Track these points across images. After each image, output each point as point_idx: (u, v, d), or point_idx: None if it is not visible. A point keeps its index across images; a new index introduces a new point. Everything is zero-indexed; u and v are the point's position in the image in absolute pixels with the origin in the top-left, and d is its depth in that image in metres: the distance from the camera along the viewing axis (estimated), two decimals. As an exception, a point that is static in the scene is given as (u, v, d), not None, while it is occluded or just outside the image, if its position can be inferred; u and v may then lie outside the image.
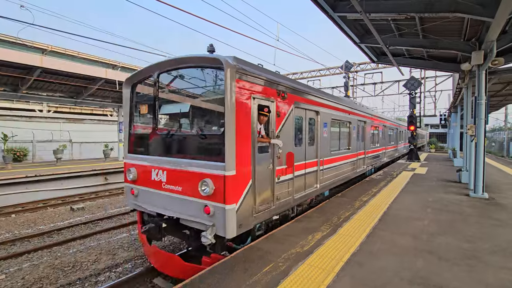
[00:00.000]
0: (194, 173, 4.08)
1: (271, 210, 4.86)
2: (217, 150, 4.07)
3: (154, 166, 4.60)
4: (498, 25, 5.59)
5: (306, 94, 6.04)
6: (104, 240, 7.16)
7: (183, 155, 4.42)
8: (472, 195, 7.90)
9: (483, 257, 3.98)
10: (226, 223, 3.85)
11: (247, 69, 4.22)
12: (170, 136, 4.73)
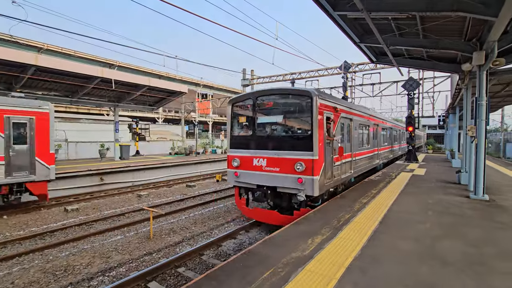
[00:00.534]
0: (290, 159, 6.59)
1: (330, 184, 7.31)
2: (306, 144, 6.53)
3: (255, 156, 7.05)
4: (501, 25, 5.48)
5: (346, 107, 8.53)
6: (98, 243, 6.97)
7: (279, 148, 6.80)
8: (472, 197, 7.79)
9: (489, 262, 3.85)
10: (313, 187, 6.38)
11: (321, 96, 6.85)
12: (267, 137, 7.08)
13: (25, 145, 8.93)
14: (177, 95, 19.71)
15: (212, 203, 10.86)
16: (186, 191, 12.93)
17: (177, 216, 9.15)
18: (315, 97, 6.53)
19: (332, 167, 7.39)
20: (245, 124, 7.53)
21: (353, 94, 26.47)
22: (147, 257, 6.20)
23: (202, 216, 9.09)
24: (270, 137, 7.05)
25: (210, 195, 12.26)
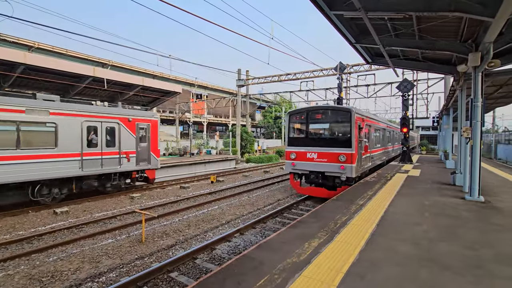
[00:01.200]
0: (335, 153, 9.70)
1: (359, 170, 10.30)
2: (347, 143, 9.76)
3: (308, 151, 10.11)
4: (498, 25, 5.45)
5: (367, 117, 11.87)
6: (88, 247, 6.75)
7: (326, 146, 9.94)
8: (467, 198, 7.79)
9: (488, 266, 3.78)
10: (352, 171, 9.55)
11: (356, 110, 10.08)
12: (317, 138, 10.30)
13: (145, 143, 12.24)
14: (171, 95, 19.47)
15: (206, 205, 10.69)
16: (180, 193, 12.73)
17: (170, 218, 8.96)
18: (353, 112, 9.98)
19: (361, 159, 10.77)
20: (298, 129, 10.92)
21: (348, 95, 26.53)
22: (138, 262, 6.01)
23: (196, 219, 8.92)
24: (319, 138, 10.47)
25: (205, 197, 12.09)
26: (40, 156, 9.08)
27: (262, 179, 16.58)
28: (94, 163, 10.41)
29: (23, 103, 8.85)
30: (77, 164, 9.96)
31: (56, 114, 9.44)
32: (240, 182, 15.54)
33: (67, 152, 9.70)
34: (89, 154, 10.28)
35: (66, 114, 9.70)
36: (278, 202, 11.33)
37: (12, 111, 8.52)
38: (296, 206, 10.44)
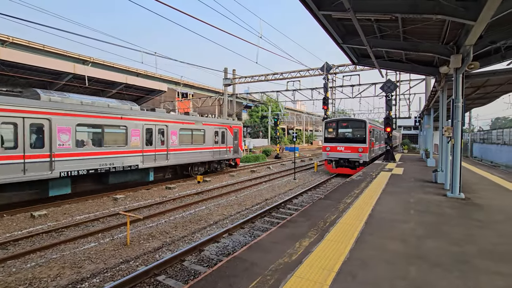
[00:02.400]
0: (355, 146, 16.59)
1: (369, 157, 16.93)
2: (363, 141, 16.64)
3: (338, 145, 16.79)
4: (479, 29, 5.66)
5: (372, 124, 18.23)
6: (69, 251, 6.43)
7: (350, 142, 16.72)
8: (449, 195, 8.06)
9: (473, 261, 3.89)
10: (366, 157, 16.50)
11: (368, 120, 17.85)
12: (344, 138, 16.98)
13: (236, 141, 18.24)
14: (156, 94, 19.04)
15: (193, 205, 10.50)
16: (166, 193, 12.44)
17: (156, 220, 8.72)
18: (367, 121, 16.88)
19: (370, 151, 16.79)
20: (331, 130, 17.38)
21: (334, 95, 26.93)
22: (123, 266, 5.79)
23: (183, 220, 8.73)
24: (345, 138, 16.71)
25: (191, 197, 11.87)
26: (198, 148, 15.48)
27: (249, 179, 16.52)
28: (218, 153, 16.96)
29: (205, 121, 16.08)
30: (211, 154, 16.42)
31: (206, 124, 16.03)
32: (227, 182, 15.41)
33: (207, 146, 16.00)
34: (215, 148, 16.67)
35: (211, 124, 16.37)
36: (266, 201, 11.30)
37: (187, 122, 14.87)
38: (284, 205, 10.46)
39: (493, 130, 34.05)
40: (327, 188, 13.79)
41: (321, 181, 15.33)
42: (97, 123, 10.61)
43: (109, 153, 10.97)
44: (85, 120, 10.25)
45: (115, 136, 11.31)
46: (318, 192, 13.03)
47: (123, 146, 11.49)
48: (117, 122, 11.26)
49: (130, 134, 11.73)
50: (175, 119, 14.07)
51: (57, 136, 9.49)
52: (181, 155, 14.29)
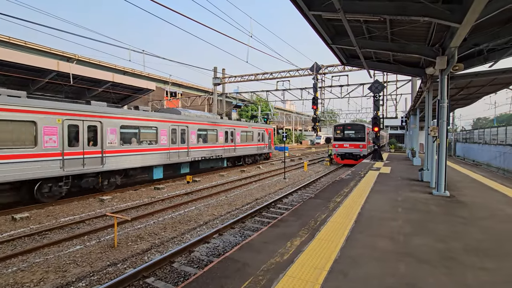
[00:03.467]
0: (357, 144, 22.52)
1: (367, 152, 22.79)
2: (363, 140, 22.61)
3: (344, 143, 22.89)
4: (464, 31, 5.83)
5: (368, 127, 22.91)
6: (53, 255, 6.22)
7: (353, 141, 22.70)
8: (435, 193, 8.29)
9: (459, 257, 4.01)
10: (365, 152, 22.39)
11: (366, 125, 23.53)
12: (348, 138, 22.92)
13: (270, 140, 23.28)
14: (144, 93, 18.72)
15: (182, 206, 10.37)
16: (154, 194, 12.24)
17: (144, 221, 8.56)
18: (365, 125, 23.09)
19: (367, 147, 22.13)
20: (339, 132, 23.07)
21: (323, 95, 27.16)
22: (111, 268, 5.65)
23: (173, 220, 8.61)
24: (350, 137, 22.50)
25: (181, 198, 11.72)
26: (249, 145, 20.87)
27: (239, 179, 16.47)
28: (259, 148, 22.44)
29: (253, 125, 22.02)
30: (256, 149, 22.02)
31: (253, 128, 21.73)
32: (217, 182, 15.30)
33: (254, 143, 21.88)
34: (257, 144, 22.35)
35: (256, 128, 22.11)
36: (256, 201, 11.29)
37: (244, 127, 20.15)
38: (275, 205, 10.48)
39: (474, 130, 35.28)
40: (317, 187, 13.92)
41: (311, 180, 15.45)
42: (204, 128, 16.81)
43: (210, 147, 17.28)
44: (201, 127, 16.58)
45: (212, 136, 17.60)
46: (308, 191, 13.13)
47: (215, 142, 17.74)
48: (213, 127, 17.57)
49: (218, 135, 17.97)
50: (238, 125, 20.68)
51: (190, 136, 15.72)
52: (241, 149, 20.70)
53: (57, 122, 10.07)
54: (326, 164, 24.25)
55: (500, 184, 10.55)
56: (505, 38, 7.09)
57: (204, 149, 16.76)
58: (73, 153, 10.56)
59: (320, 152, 43.48)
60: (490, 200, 7.73)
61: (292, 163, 26.50)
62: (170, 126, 14.38)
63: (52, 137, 9.98)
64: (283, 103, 46.22)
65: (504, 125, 25.43)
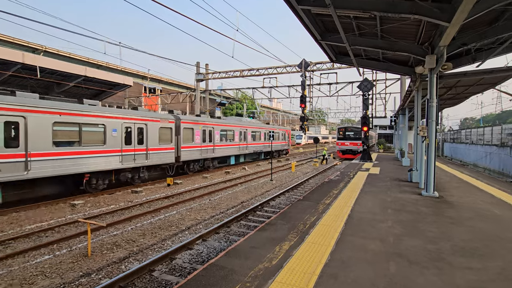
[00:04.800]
0: (355, 142, 29.91)
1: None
2: (360, 139, 26.50)
3: (345, 141, 31.02)
4: (453, 30, 6.10)
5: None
6: (18, 266, 5.94)
7: (354, 140, 30.30)
8: (424, 194, 8.61)
9: (447, 258, 4.19)
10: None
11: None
12: (350, 137, 30.84)
13: (287, 139, 33.58)
14: (120, 88, 18.26)
15: (163, 210, 10.21)
16: (131, 198, 11.97)
17: (121, 227, 8.35)
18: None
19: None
20: (341, 133, 30.99)
21: (311, 93, 27.59)
22: (84, 279, 5.47)
23: (152, 226, 8.45)
24: (351, 137, 30.28)
25: (161, 201, 11.54)
26: (277, 142, 30.20)
27: (224, 181, 16.41)
28: (281, 146, 30.97)
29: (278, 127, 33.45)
30: (281, 146, 31.15)
31: (279, 129, 31.89)
32: (199, 184, 15.17)
33: (279, 141, 30.96)
34: (282, 142, 31.72)
35: (280, 129, 31.99)
36: (242, 204, 11.29)
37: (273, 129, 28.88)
38: (261, 208, 10.53)
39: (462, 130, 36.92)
40: (305, 189, 14.10)
41: (299, 182, 15.63)
42: (255, 130, 25.62)
43: (258, 144, 26.10)
44: (252, 129, 25.31)
45: (256, 136, 26.07)
46: (296, 193, 13.28)
47: (259, 140, 26.46)
48: (258, 130, 26.40)
49: (261, 135, 26.91)
50: (273, 127, 30.75)
51: (247, 135, 24.67)
52: (274, 146, 29.26)
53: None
54: (314, 165, 24.74)
55: (487, 184, 11.11)
56: (492, 38, 7.47)
57: (255, 145, 26.22)
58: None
59: (308, 153, 44.09)
60: (476, 199, 8.13)
61: (279, 164, 26.69)
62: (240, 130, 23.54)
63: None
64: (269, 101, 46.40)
65: (490, 125, 26.78)
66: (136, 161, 13.79)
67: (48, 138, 10.32)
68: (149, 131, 14.46)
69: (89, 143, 11.70)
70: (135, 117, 13.75)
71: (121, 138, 12.92)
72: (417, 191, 9.27)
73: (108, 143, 12.32)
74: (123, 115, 13.07)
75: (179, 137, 16.72)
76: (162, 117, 15.56)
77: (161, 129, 15.32)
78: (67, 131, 11.04)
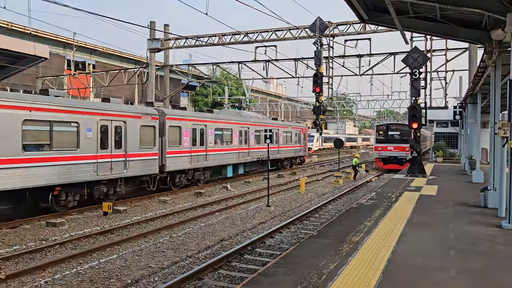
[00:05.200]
0: (403, 147, 31.16)
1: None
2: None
3: (388, 145, 34.03)
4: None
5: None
6: None
7: (398, 143, 32.96)
8: (505, 226, 8.71)
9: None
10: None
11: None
12: (393, 139, 34.22)
13: (303, 141, 40.03)
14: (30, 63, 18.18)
15: (96, 253, 10.12)
16: (48, 234, 11.84)
17: (29, 280, 8.23)
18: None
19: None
20: (381, 132, 35.06)
21: (331, 71, 27.39)
22: None
23: (79, 278, 8.35)
24: (395, 139, 33.29)
25: (93, 239, 11.43)
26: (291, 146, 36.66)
27: (193, 206, 16.35)
28: (293, 152, 36.57)
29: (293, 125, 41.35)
30: (293, 151, 36.94)
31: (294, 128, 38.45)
32: (154, 213, 15.08)
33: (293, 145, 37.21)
34: (291, 146, 35.92)
35: (292, 127, 37.68)
36: (221, 243, 11.27)
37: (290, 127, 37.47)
38: (252, 249, 10.48)
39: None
40: (321, 220, 14.13)
41: (312, 209, 15.65)
42: (287, 130, 35.42)
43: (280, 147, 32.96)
44: (283, 129, 34.43)
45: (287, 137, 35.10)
46: (307, 225, 13.29)
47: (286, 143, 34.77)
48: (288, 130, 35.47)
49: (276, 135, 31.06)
50: (284, 124, 37.00)
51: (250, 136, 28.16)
52: (284, 151, 34.25)
53: None
54: (336, 182, 24.77)
55: None
56: None
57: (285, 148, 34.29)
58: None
59: (326, 163, 44.29)
60: None
61: (281, 180, 26.72)
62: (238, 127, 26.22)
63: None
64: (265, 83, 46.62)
65: None
66: (113, 170, 15.76)
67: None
68: (128, 131, 16.44)
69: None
70: (112, 113, 15.73)
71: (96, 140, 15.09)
72: (495, 221, 9.37)
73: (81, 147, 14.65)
74: (99, 110, 15.41)
75: (164, 139, 18.35)
76: (143, 112, 17.59)
77: (143, 128, 17.28)
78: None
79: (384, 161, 33.56)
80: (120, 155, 15.79)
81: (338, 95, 66.54)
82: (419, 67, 18.71)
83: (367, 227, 8.92)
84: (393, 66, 26.08)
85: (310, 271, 5.84)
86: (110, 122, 15.50)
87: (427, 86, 22.82)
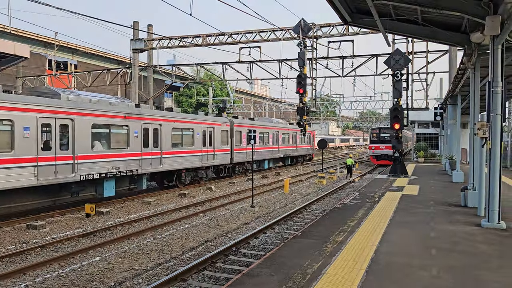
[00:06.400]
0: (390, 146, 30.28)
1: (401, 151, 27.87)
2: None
3: (380, 145, 42.52)
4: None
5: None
6: None
7: (388, 143, 36.20)
8: (484, 224, 8.87)
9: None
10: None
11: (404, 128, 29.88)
12: (384, 140, 42.16)
13: (312, 141, 49.64)
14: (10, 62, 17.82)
15: (78, 255, 9.98)
16: (28, 237, 11.63)
17: (9, 284, 8.07)
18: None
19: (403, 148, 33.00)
20: (375, 135, 43.66)
21: (314, 72, 27.65)
22: None
23: (60, 282, 8.20)
24: (385, 140, 41.22)
25: (75, 242, 11.27)
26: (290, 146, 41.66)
27: (176, 208, 16.26)
28: (305, 150, 45.80)
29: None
30: (306, 149, 46.49)
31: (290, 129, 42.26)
32: (138, 214, 14.94)
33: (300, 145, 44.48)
34: (303, 146, 44.63)
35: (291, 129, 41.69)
36: (205, 244, 11.24)
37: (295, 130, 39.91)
38: (237, 249, 10.47)
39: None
40: (305, 220, 14.18)
41: (296, 209, 15.70)
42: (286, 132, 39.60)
43: (288, 147, 40.28)
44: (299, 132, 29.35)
45: (286, 138, 39.22)
46: (292, 226, 13.33)
47: (288, 143, 39.84)
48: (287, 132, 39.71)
49: (289, 136, 39.86)
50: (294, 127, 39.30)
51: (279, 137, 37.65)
52: (299, 150, 42.90)
53: None
54: (319, 182, 24.92)
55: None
56: None
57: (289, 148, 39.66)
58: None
59: (309, 164, 44.81)
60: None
61: (265, 180, 26.81)
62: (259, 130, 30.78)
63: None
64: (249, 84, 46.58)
65: None
66: (208, 161, 24.45)
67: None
68: (215, 134, 25.09)
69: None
70: (208, 122, 24.51)
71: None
72: (475, 220, 9.55)
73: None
74: (202, 120, 24.25)
75: (233, 140, 27.45)
76: (222, 121, 26.16)
77: (222, 132, 25.89)
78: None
79: (377, 158, 41.24)
80: (210, 150, 24.10)
81: (322, 96, 66.96)
82: (401, 69, 18.97)
83: (351, 227, 8.98)
84: (376, 67, 26.38)
85: (295, 271, 5.85)
86: (207, 128, 23.89)
87: (409, 88, 23.08)
